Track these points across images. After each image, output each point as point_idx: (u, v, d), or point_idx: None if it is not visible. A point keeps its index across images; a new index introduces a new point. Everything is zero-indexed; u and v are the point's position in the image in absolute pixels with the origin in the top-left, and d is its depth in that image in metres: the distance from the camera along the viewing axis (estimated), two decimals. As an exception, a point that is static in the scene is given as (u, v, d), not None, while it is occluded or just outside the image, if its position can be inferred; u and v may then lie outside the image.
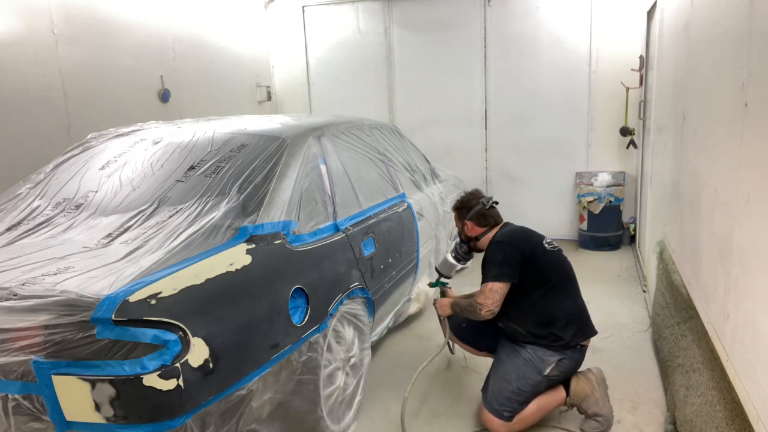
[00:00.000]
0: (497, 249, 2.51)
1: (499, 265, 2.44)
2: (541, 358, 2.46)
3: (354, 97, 6.50)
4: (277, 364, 2.10)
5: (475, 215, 2.71)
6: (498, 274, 2.42)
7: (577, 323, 2.51)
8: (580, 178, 5.73)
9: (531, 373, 2.45)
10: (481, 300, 2.43)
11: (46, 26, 3.83)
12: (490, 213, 2.71)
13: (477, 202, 2.73)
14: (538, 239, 2.58)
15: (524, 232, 2.62)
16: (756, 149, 1.59)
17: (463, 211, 2.76)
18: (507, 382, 2.46)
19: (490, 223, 2.70)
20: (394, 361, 3.38)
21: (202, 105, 5.32)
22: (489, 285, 2.43)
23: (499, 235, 2.61)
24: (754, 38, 1.63)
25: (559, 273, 2.54)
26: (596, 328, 2.59)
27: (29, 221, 2.45)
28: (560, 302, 2.49)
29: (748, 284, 1.64)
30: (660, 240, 3.48)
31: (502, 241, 2.53)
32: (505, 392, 2.44)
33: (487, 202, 2.72)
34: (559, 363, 2.46)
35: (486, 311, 2.42)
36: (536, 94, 5.83)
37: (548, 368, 2.45)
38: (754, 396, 1.57)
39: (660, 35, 3.90)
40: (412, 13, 6.13)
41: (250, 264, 2.08)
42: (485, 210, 2.70)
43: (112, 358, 1.68)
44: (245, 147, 2.68)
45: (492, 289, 2.42)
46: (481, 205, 2.70)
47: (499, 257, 2.46)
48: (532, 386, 2.45)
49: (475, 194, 2.81)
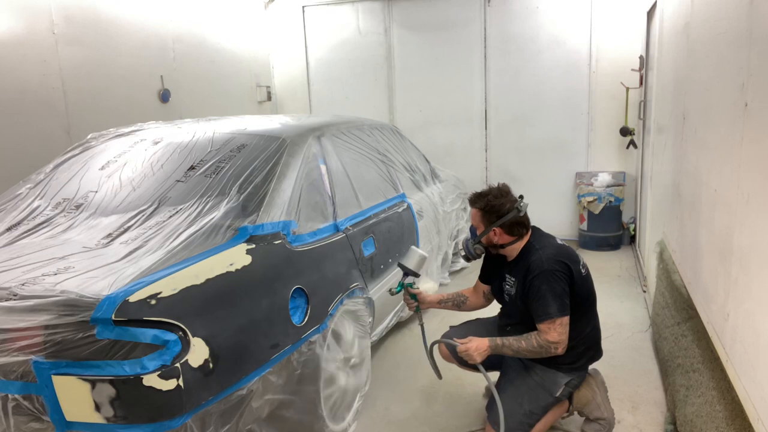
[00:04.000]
0: (553, 279, 2.23)
1: (560, 297, 2.22)
2: (553, 380, 2.37)
3: (354, 97, 6.50)
4: (277, 364, 2.10)
5: (507, 223, 2.34)
6: (562, 307, 2.21)
7: (593, 350, 2.46)
8: (580, 178, 5.73)
9: (543, 395, 2.37)
10: (555, 338, 2.20)
11: (46, 26, 3.83)
12: (524, 220, 2.37)
13: (511, 206, 2.34)
14: (577, 263, 2.34)
15: (568, 254, 2.34)
16: (756, 149, 1.59)
17: (492, 216, 2.36)
18: (519, 405, 2.34)
19: (522, 233, 2.37)
20: (394, 361, 3.38)
21: (202, 105, 5.31)
22: (558, 320, 2.20)
23: (549, 260, 2.27)
24: (754, 38, 1.63)
25: (587, 300, 2.39)
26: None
27: (29, 221, 2.45)
28: (581, 329, 2.38)
29: (748, 284, 1.64)
30: (660, 240, 3.48)
31: (555, 270, 2.24)
32: (517, 416, 2.33)
33: (522, 208, 2.36)
34: (569, 384, 2.40)
35: (563, 348, 2.22)
36: (536, 94, 5.83)
37: (559, 390, 2.37)
38: (754, 396, 1.57)
39: (660, 35, 3.90)
40: (412, 13, 6.13)
41: (250, 264, 2.08)
42: (520, 217, 2.35)
43: (112, 358, 1.68)
44: (245, 147, 2.68)
45: (562, 324, 2.21)
46: (515, 211, 2.34)
47: (558, 288, 2.22)
48: (543, 408, 2.38)
49: (507, 196, 2.38)
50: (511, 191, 2.41)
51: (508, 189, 2.41)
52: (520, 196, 2.40)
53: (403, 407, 2.89)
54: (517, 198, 2.38)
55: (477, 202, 2.40)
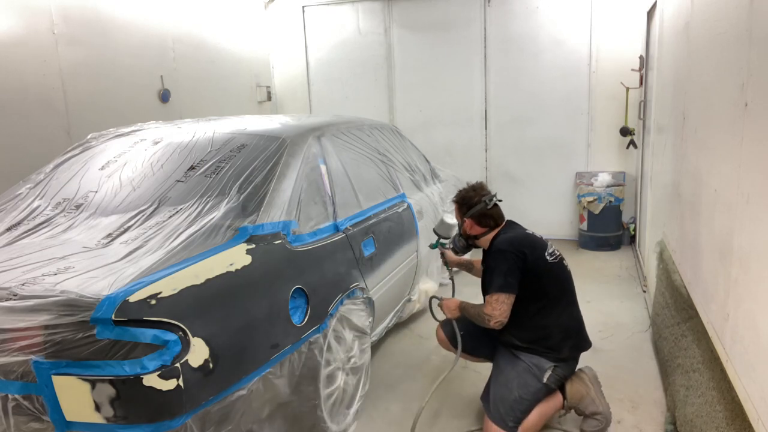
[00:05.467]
0: (501, 258, 2.40)
1: (503, 275, 2.35)
2: (538, 366, 2.44)
3: (354, 97, 6.50)
4: (277, 364, 2.10)
5: (475, 214, 2.56)
6: (503, 285, 2.35)
7: (573, 339, 2.50)
8: (580, 178, 5.73)
9: (531, 380, 2.43)
10: (489, 311, 2.35)
11: (46, 26, 3.83)
12: (492, 213, 2.56)
13: (479, 199, 2.56)
14: (541, 250, 2.46)
15: (528, 239, 2.49)
16: (756, 149, 1.59)
17: (463, 207, 2.60)
18: (508, 390, 2.42)
19: (490, 224, 2.57)
20: (394, 361, 3.38)
21: (202, 105, 5.32)
22: (495, 296, 2.35)
23: (503, 241, 2.48)
24: (754, 38, 1.63)
25: (557, 287, 2.47)
26: (596, 328, 2.59)
27: (29, 221, 2.45)
28: (556, 317, 2.45)
29: (748, 284, 1.64)
30: (660, 240, 3.48)
31: (505, 250, 2.41)
32: (508, 400, 2.41)
33: (489, 201, 2.55)
34: (555, 369, 2.45)
35: (495, 322, 2.35)
36: (536, 94, 5.83)
37: (545, 375, 2.43)
38: (754, 396, 1.57)
39: (660, 35, 3.90)
40: (412, 13, 6.13)
41: (250, 264, 2.08)
42: (486, 210, 2.55)
43: (112, 358, 1.67)
44: (245, 147, 2.68)
45: (498, 300, 2.34)
46: (482, 204, 2.55)
47: (503, 267, 2.37)
48: (533, 394, 2.43)
49: (477, 190, 2.60)
50: (485, 187, 2.64)
51: (482, 185, 2.65)
52: (494, 194, 2.61)
53: (403, 407, 2.89)
54: (489, 193, 2.60)
55: (455, 197, 2.70)
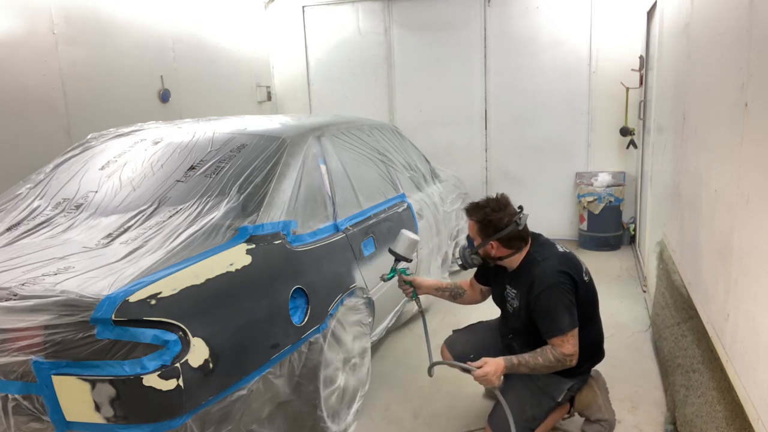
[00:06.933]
0: (558, 294, 2.18)
1: (568, 311, 2.18)
2: (556, 386, 2.37)
3: (354, 97, 6.50)
4: (277, 364, 2.10)
5: (506, 237, 2.25)
6: (572, 321, 2.18)
7: (596, 354, 2.47)
8: (580, 178, 5.73)
9: (545, 400, 2.37)
10: (570, 351, 2.16)
11: (46, 26, 3.83)
12: (523, 233, 2.28)
13: (510, 220, 2.23)
14: (581, 271, 2.30)
15: (571, 264, 2.28)
16: (756, 149, 1.59)
17: (490, 230, 2.26)
18: (522, 411, 2.31)
19: (521, 246, 2.29)
20: (394, 361, 3.38)
21: (202, 105, 5.31)
22: (569, 334, 2.17)
23: (550, 273, 2.21)
24: (754, 38, 1.63)
25: (590, 306, 2.37)
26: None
27: (29, 221, 2.45)
28: (584, 335, 2.32)
29: (748, 284, 1.64)
30: (660, 240, 3.48)
31: (562, 283, 2.19)
32: (520, 421, 2.30)
33: (521, 220, 2.24)
34: (571, 388, 2.41)
35: (576, 359, 2.20)
36: (536, 94, 5.83)
37: (562, 395, 2.38)
38: (754, 396, 1.57)
39: (660, 35, 3.90)
40: (412, 13, 6.13)
41: (250, 264, 2.08)
42: (519, 231, 2.25)
43: (112, 358, 1.68)
44: (245, 147, 2.68)
45: (575, 335, 2.18)
46: (514, 225, 2.23)
47: (565, 301, 2.18)
48: (546, 412, 2.39)
49: (506, 209, 2.26)
50: (510, 203, 2.30)
51: (507, 200, 2.30)
52: (519, 207, 2.29)
53: (403, 407, 2.89)
54: (516, 210, 2.28)
55: (474, 214, 2.30)
